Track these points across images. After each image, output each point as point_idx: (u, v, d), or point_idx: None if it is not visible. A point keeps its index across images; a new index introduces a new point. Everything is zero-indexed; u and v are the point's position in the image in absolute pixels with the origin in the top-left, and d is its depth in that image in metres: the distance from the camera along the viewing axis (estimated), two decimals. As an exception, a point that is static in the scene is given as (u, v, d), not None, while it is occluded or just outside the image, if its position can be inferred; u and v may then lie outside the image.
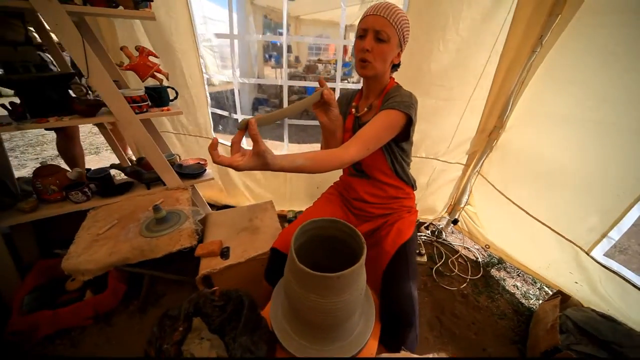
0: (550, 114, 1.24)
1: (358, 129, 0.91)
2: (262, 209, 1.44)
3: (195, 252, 1.12)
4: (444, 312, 1.42)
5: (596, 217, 1.07)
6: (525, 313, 1.44)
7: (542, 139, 1.29)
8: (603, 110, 1.01)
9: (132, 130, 1.22)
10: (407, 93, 0.83)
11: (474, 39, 1.42)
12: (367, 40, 0.77)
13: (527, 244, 1.46)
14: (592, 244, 1.11)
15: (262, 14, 5.35)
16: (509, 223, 1.53)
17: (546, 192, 1.28)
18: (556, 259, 1.30)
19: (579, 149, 1.11)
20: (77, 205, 1.28)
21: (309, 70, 4.79)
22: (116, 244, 1.09)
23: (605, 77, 1.00)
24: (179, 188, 1.45)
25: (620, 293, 1.08)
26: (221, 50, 4.77)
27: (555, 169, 1.21)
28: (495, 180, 1.58)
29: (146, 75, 1.18)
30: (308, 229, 0.74)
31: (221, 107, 1.98)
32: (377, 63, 0.79)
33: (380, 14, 0.75)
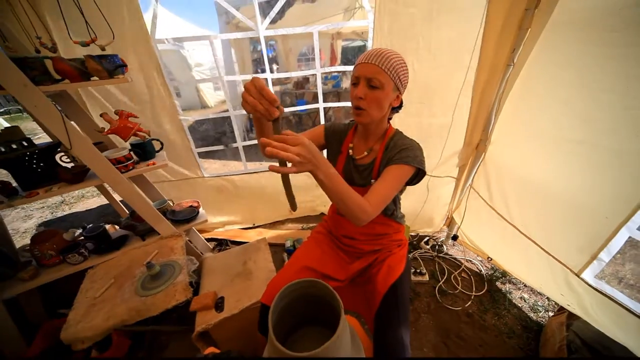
0: (532, 131, 1.22)
1: (353, 170, 0.93)
2: (256, 248, 1.44)
3: (190, 307, 1.13)
4: (449, 336, 1.39)
5: (585, 238, 1.04)
6: (534, 328, 1.40)
7: (526, 156, 1.27)
8: (584, 130, 0.98)
9: (120, 190, 1.25)
10: (416, 145, 0.83)
11: (447, 57, 1.43)
12: (359, 88, 0.77)
13: (521, 262, 1.43)
14: (582, 266, 1.07)
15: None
16: (502, 239, 1.50)
17: (536, 210, 1.25)
18: (547, 279, 1.27)
19: (563, 168, 1.08)
20: (76, 267, 1.31)
21: (298, 87, 4.83)
22: (113, 307, 1.10)
23: (584, 95, 0.98)
24: (173, 235, 1.48)
25: (614, 318, 1.03)
26: (212, 74, 4.85)
27: (543, 187, 1.19)
28: (486, 195, 1.55)
29: (128, 136, 1.21)
30: (287, 292, 0.74)
31: (214, 139, 2.02)
32: (372, 110, 0.78)
33: (371, 61, 0.74)
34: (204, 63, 6.40)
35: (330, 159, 1.00)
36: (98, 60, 1.05)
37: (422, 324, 1.46)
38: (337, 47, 6.40)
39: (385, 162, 0.85)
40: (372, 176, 0.89)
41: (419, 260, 1.84)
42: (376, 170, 0.88)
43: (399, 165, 0.78)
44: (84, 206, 2.93)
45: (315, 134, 0.98)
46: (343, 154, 0.95)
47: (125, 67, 1.18)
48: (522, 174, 1.30)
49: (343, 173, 0.95)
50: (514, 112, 1.32)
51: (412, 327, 1.44)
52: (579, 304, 1.13)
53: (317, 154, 0.60)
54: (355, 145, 0.95)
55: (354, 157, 0.93)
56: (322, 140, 0.98)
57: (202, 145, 1.93)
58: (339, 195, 0.66)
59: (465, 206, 1.71)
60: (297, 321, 0.87)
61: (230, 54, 4.14)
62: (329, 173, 0.63)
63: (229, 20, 3.44)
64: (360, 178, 0.92)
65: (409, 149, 0.81)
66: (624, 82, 0.87)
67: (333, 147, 0.98)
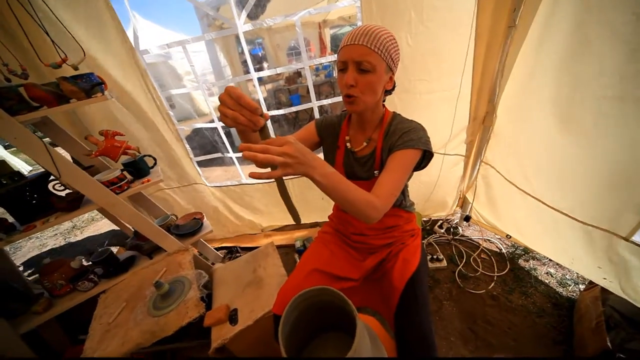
0: (550, 94, 1.09)
1: (354, 163, 0.86)
2: (264, 254, 1.40)
3: (204, 323, 1.11)
4: (476, 322, 1.33)
5: (629, 199, 0.94)
6: (566, 304, 1.33)
7: (547, 124, 1.14)
8: (621, 85, 0.87)
9: (118, 211, 1.22)
10: (418, 126, 0.77)
11: (442, 28, 1.32)
12: (348, 74, 0.68)
13: (546, 238, 1.33)
14: (632, 228, 0.97)
15: (234, 34, 5.35)
16: (524, 214, 1.40)
17: (564, 180, 1.14)
18: (580, 254, 1.17)
19: (597, 130, 0.97)
20: (87, 293, 1.30)
21: (290, 82, 4.72)
22: (127, 332, 1.08)
23: (618, 49, 0.85)
24: (180, 250, 1.45)
25: None
26: (204, 80, 4.72)
27: (570, 154, 1.08)
28: (503, 170, 1.45)
29: (117, 155, 1.17)
30: (296, 304, 0.69)
31: (211, 146, 2.02)
32: (365, 97, 0.71)
33: (358, 42, 0.65)
34: (194, 67, 6.33)
35: (327, 157, 0.93)
36: (72, 81, 1.00)
37: (445, 312, 1.40)
38: (326, 36, 6.22)
39: (387, 149, 0.78)
40: (375, 167, 0.83)
41: (435, 245, 1.77)
42: (378, 160, 0.82)
43: (403, 150, 0.72)
44: (95, 229, 2.96)
45: (307, 133, 0.92)
46: (340, 148, 0.89)
47: (104, 85, 1.13)
48: (543, 143, 1.18)
49: (344, 168, 0.89)
50: (529, 75, 1.18)
51: (435, 316, 1.39)
52: (622, 272, 1.04)
53: (307, 153, 0.53)
54: (352, 136, 0.88)
55: (352, 150, 0.86)
56: (316, 137, 0.92)
57: (200, 154, 1.90)
58: (341, 195, 0.59)
59: (475, 185, 1.62)
60: (314, 329, 0.82)
61: (218, 58, 4.05)
62: (325, 172, 0.56)
63: (211, 22, 3.34)
64: (363, 171, 0.86)
65: (411, 131, 0.74)
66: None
67: (328, 143, 0.92)
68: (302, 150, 0.52)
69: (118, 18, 1.35)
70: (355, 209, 0.62)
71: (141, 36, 1.54)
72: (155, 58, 3.86)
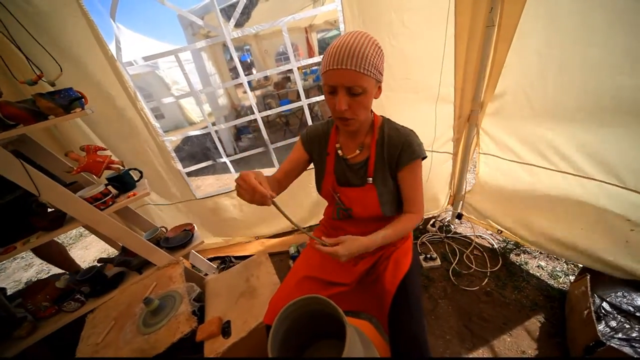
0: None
1: (347, 170, 0.87)
2: (257, 263, 1.39)
3: (197, 338, 1.08)
4: (471, 319, 1.34)
5: None
6: (557, 296, 1.34)
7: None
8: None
9: (103, 228, 1.19)
10: (411, 133, 0.81)
11: (422, 28, 1.34)
12: (340, 99, 0.66)
13: (557, 208, 1.32)
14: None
15: (221, 42, 5.34)
16: (521, 203, 1.41)
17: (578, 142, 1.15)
18: (605, 211, 1.16)
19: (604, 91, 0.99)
20: (74, 314, 1.25)
21: (279, 87, 4.72)
22: (116, 352, 1.05)
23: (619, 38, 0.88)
24: (170, 264, 1.42)
25: None
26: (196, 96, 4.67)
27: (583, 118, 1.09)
28: (505, 154, 1.45)
29: (100, 171, 1.14)
30: (286, 314, 0.68)
31: (202, 154, 2.01)
32: (359, 117, 0.71)
33: (346, 66, 0.62)
34: (181, 81, 6.30)
35: (317, 166, 0.93)
36: (49, 98, 0.98)
37: (440, 311, 1.40)
38: (313, 41, 6.25)
39: (385, 161, 0.81)
40: (368, 174, 0.84)
41: (428, 244, 1.78)
42: (372, 168, 0.83)
43: (411, 165, 0.79)
44: (83, 245, 2.88)
45: (298, 154, 0.92)
46: (331, 155, 0.89)
47: (84, 99, 1.11)
48: (548, 116, 1.19)
49: (335, 175, 0.89)
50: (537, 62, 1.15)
51: (431, 315, 1.39)
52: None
53: (352, 248, 0.71)
54: (343, 143, 0.88)
55: (345, 157, 0.86)
56: (305, 155, 0.92)
57: (191, 164, 1.87)
58: (395, 239, 0.82)
59: (466, 181, 1.63)
60: (307, 337, 0.81)
61: (205, 67, 4.03)
62: (376, 245, 0.76)
63: (195, 31, 3.33)
64: (356, 178, 0.87)
65: (409, 143, 0.77)
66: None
67: (317, 151, 0.91)
68: (348, 254, 0.70)
69: (98, 31, 1.32)
70: (402, 236, 0.84)
71: (124, 48, 1.53)
72: (141, 69, 3.81)
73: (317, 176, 0.95)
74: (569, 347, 1.12)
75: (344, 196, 0.89)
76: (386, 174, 0.83)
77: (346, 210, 0.91)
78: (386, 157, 0.81)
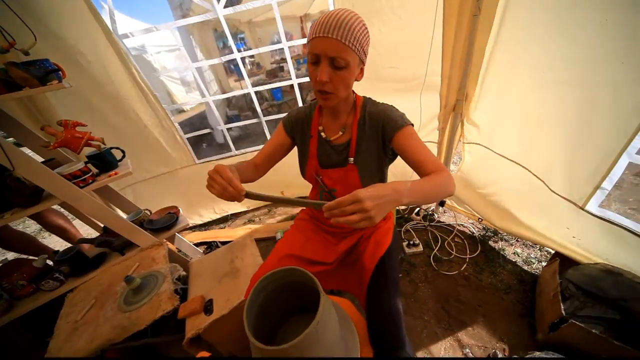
0: (518, 81, 1.16)
1: (330, 152, 0.87)
2: (242, 246, 1.39)
3: (178, 315, 1.09)
4: (449, 301, 1.39)
5: (588, 171, 1.03)
6: (530, 280, 1.41)
7: (520, 103, 1.21)
8: (568, 70, 0.94)
9: (83, 206, 1.17)
10: (391, 107, 0.81)
11: (412, 16, 1.35)
12: (322, 69, 0.65)
13: (525, 203, 1.40)
14: (586, 198, 1.07)
15: (211, 28, 5.18)
16: (504, 183, 1.47)
17: (538, 149, 1.22)
18: (552, 215, 1.26)
19: (557, 108, 1.04)
20: (53, 293, 1.23)
21: (271, 75, 4.65)
22: (96, 328, 1.05)
23: (563, 33, 0.92)
24: (154, 245, 1.41)
25: (620, 244, 1.05)
26: (182, 76, 4.79)
27: (541, 130, 1.16)
28: (486, 142, 1.51)
29: (79, 147, 1.11)
30: (264, 285, 0.70)
31: (197, 129, 2.17)
32: (339, 92, 0.70)
33: (332, 35, 0.62)
34: (170, 66, 6.12)
35: (301, 150, 0.93)
36: (23, 68, 0.94)
37: (420, 294, 1.45)
38: (308, 30, 6.16)
39: (374, 140, 0.81)
40: (350, 154, 0.84)
41: (412, 232, 1.83)
42: (354, 148, 0.83)
43: (400, 133, 0.75)
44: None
45: (279, 139, 0.91)
46: (314, 137, 0.89)
47: (62, 72, 1.06)
48: (517, 121, 1.26)
49: (318, 158, 0.89)
50: (507, 62, 1.23)
51: (411, 298, 1.44)
52: (585, 234, 1.14)
53: (380, 192, 0.51)
54: (326, 125, 0.88)
55: (328, 139, 0.87)
56: (287, 139, 0.91)
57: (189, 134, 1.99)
58: (430, 197, 0.61)
59: (462, 159, 1.68)
60: (287, 311, 0.83)
61: (195, 53, 3.92)
62: (412, 195, 0.55)
63: (185, 13, 3.22)
64: (339, 159, 0.87)
65: (389, 116, 0.77)
66: (601, 14, 0.81)
67: (300, 135, 0.91)
68: (376, 196, 0.50)
69: (92, 3, 1.35)
70: (442, 195, 0.64)
71: (118, 20, 1.51)
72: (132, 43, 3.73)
73: (301, 160, 0.95)
74: (537, 325, 1.19)
75: (326, 178, 0.90)
76: (372, 153, 0.83)
77: (329, 192, 0.92)
78: (372, 135, 0.81)
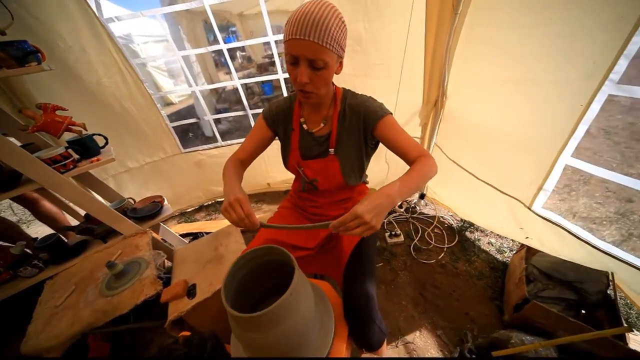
0: (479, 78, 1.24)
1: (312, 143, 0.88)
2: (226, 234, 1.41)
3: (161, 299, 1.10)
4: (426, 287, 1.47)
5: (532, 172, 1.09)
6: (501, 268, 1.50)
7: (477, 104, 1.29)
8: (517, 68, 1.00)
9: (64, 192, 1.16)
10: (369, 98, 0.83)
11: (395, 13, 1.39)
12: (301, 71, 0.66)
13: (484, 209, 1.50)
14: (532, 198, 1.14)
15: (201, 19, 5.09)
16: (466, 190, 1.56)
17: (490, 154, 1.30)
18: (507, 218, 1.35)
19: (507, 109, 1.11)
20: (31, 279, 1.22)
21: (262, 70, 4.63)
22: (77, 312, 1.05)
23: (517, 33, 0.98)
24: (137, 233, 1.41)
25: (560, 241, 1.13)
26: (169, 68, 4.67)
27: (493, 130, 1.23)
28: (449, 150, 1.59)
29: (59, 131, 1.10)
30: (244, 262, 0.73)
31: (183, 130, 2.22)
32: (320, 91, 0.72)
33: (309, 37, 0.61)
34: (157, 56, 5.98)
35: (283, 142, 0.94)
36: (0, 47, 0.92)
37: (400, 281, 1.52)
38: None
39: (355, 131, 0.83)
40: (331, 145, 0.87)
41: (394, 223, 1.89)
42: (334, 139, 0.86)
43: (381, 123, 0.78)
44: (45, 222, 2.72)
45: (260, 134, 0.91)
46: (296, 130, 0.89)
47: (42, 55, 1.05)
48: (475, 123, 1.33)
49: (299, 150, 0.91)
50: (462, 63, 1.32)
51: (391, 285, 1.50)
52: (534, 234, 1.22)
53: (375, 202, 0.58)
54: (307, 117, 0.89)
55: (310, 131, 0.88)
56: (269, 132, 0.91)
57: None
58: (419, 188, 0.72)
59: None
60: (266, 291, 0.86)
61: (183, 44, 3.85)
62: (402, 194, 0.62)
63: (172, 1, 3.15)
64: (320, 150, 0.89)
65: (368, 107, 0.79)
66: (546, 12, 0.88)
67: (282, 128, 0.91)
68: (373, 208, 0.57)
69: None
70: (429, 179, 0.71)
71: (103, 4, 1.49)
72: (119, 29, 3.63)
73: (283, 152, 0.96)
74: (504, 307, 1.27)
75: (307, 169, 0.92)
76: (354, 144, 0.85)
77: (311, 183, 0.95)
78: (353, 126, 0.83)
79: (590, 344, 0.91)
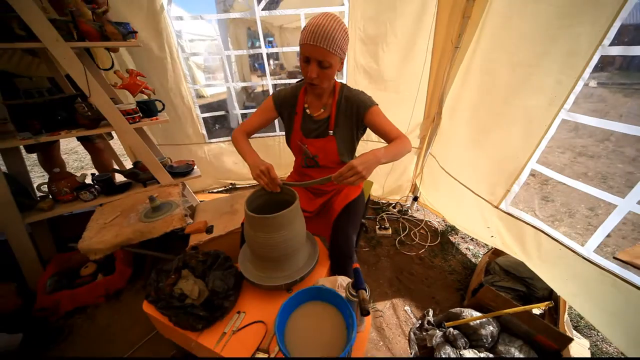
0: (468, 99, 1.51)
1: (313, 126, 1.06)
2: (241, 195, 1.70)
3: (186, 230, 1.38)
4: (403, 272, 1.67)
5: (503, 177, 1.34)
6: (472, 269, 1.68)
7: (464, 120, 1.55)
8: (501, 93, 1.29)
9: (128, 138, 1.49)
10: (360, 92, 1.03)
11: (409, 41, 1.70)
12: (311, 68, 0.86)
13: (462, 210, 1.72)
14: (500, 199, 1.37)
15: (246, 26, 5.71)
16: (450, 195, 1.78)
17: (470, 162, 1.54)
18: (477, 218, 1.56)
19: (489, 127, 1.37)
20: (86, 203, 1.54)
21: (291, 77, 5.09)
22: (120, 229, 1.34)
23: (504, 63, 1.27)
24: (171, 184, 1.71)
25: (520, 236, 1.33)
26: (207, 65, 5.30)
27: (475, 142, 1.48)
28: (440, 159, 1.84)
29: (136, 92, 1.45)
30: (261, 194, 0.99)
31: (213, 123, 2.46)
32: (325, 84, 0.93)
33: (319, 44, 0.80)
34: (200, 52, 6.64)
35: (287, 123, 1.11)
36: (116, 25, 1.29)
37: (381, 265, 1.73)
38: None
39: (348, 118, 1.02)
40: (330, 127, 1.04)
41: (385, 219, 2.12)
42: (333, 122, 1.04)
43: (369, 112, 0.98)
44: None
45: (267, 110, 1.08)
46: (299, 114, 1.06)
47: (135, 34, 1.42)
48: (462, 135, 1.59)
49: (302, 130, 1.08)
50: (461, 86, 1.60)
51: (372, 267, 1.72)
52: (498, 231, 1.43)
53: (366, 159, 0.77)
54: (310, 103, 1.06)
55: (311, 115, 1.05)
56: (274, 113, 1.08)
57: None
58: (397, 156, 0.88)
59: (422, 173, 1.99)
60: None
61: (229, 46, 4.39)
62: (385, 155, 0.81)
63: (227, 8, 3.67)
64: (320, 131, 1.07)
65: (359, 99, 0.99)
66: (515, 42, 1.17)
67: (287, 111, 1.08)
68: (364, 162, 0.76)
69: None
70: (405, 152, 0.91)
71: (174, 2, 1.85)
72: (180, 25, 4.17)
73: (287, 132, 1.13)
74: (466, 295, 1.46)
75: (311, 146, 1.08)
76: (348, 128, 1.05)
77: (312, 158, 1.11)
78: (347, 114, 1.02)
79: (519, 319, 1.11)
